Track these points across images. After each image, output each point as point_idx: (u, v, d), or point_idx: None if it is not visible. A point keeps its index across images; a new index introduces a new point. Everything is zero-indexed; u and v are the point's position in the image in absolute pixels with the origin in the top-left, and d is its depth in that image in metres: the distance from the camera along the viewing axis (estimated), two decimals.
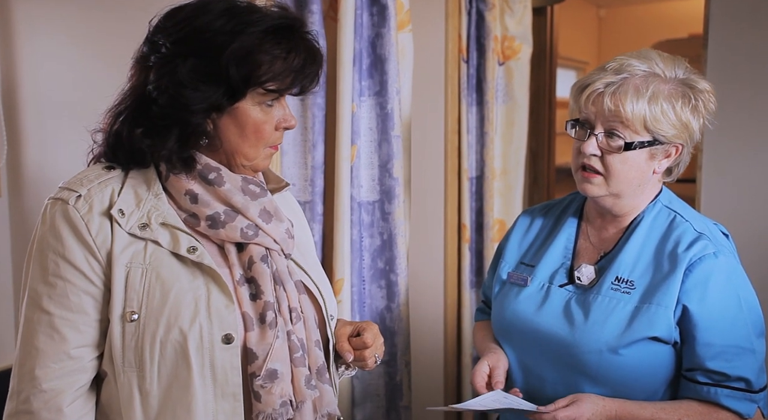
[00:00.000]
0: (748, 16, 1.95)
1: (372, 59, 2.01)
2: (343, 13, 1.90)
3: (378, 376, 2.14)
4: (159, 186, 1.12)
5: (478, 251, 2.66)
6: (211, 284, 1.08)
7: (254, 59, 1.07)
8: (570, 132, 1.38)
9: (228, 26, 1.07)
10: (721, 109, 1.98)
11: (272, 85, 1.09)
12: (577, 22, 5.30)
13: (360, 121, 2.00)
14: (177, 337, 1.05)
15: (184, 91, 1.06)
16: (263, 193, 1.16)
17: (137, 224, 1.08)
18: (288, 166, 1.98)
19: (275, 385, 1.08)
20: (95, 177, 1.11)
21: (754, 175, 1.97)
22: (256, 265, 1.12)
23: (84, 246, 1.06)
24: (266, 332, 1.09)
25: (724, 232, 1.40)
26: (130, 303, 1.06)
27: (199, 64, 1.06)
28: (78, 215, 1.06)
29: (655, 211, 1.39)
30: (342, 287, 1.96)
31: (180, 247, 1.08)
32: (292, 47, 1.10)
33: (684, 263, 1.30)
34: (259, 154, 1.14)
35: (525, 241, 1.55)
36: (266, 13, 1.12)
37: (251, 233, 1.13)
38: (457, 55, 2.54)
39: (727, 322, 1.29)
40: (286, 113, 1.15)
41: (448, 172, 2.57)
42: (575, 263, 1.44)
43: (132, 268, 1.06)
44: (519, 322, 1.43)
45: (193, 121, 1.08)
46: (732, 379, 1.29)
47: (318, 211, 1.99)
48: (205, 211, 1.11)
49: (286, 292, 1.15)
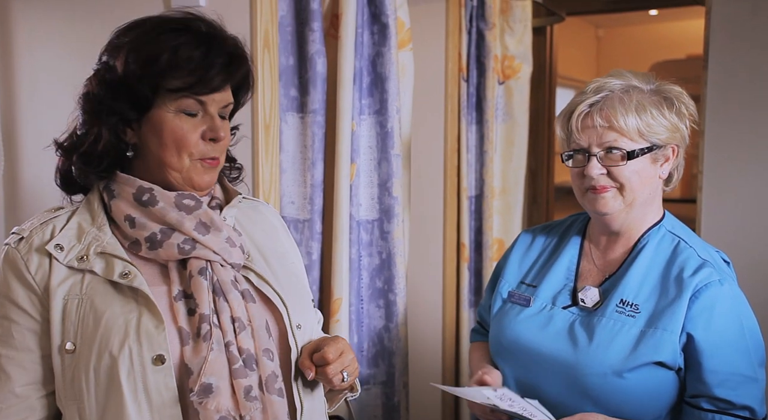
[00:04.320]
0: (748, 37, 1.96)
1: (372, 78, 2.01)
2: (343, 31, 1.90)
3: (375, 397, 2.11)
4: (103, 217, 1.13)
5: (477, 270, 2.65)
6: (143, 308, 1.07)
7: (146, 55, 1.07)
8: (567, 163, 1.40)
9: (131, 30, 1.11)
10: (722, 130, 1.99)
11: (174, 83, 1.08)
12: (577, 42, 5.34)
13: (360, 139, 2.00)
14: (107, 363, 1.04)
15: (92, 104, 1.10)
16: (198, 205, 1.14)
17: (76, 257, 1.09)
18: (287, 184, 1.97)
19: (210, 400, 1.04)
20: (38, 219, 1.14)
21: (755, 196, 1.97)
22: (194, 279, 1.10)
23: (24, 285, 1.08)
24: (200, 346, 1.06)
25: (725, 259, 1.41)
26: (67, 334, 1.06)
27: (105, 76, 1.11)
28: (18, 256, 1.09)
29: (660, 235, 1.40)
30: (340, 306, 1.94)
31: (113, 273, 1.08)
32: (187, 41, 1.09)
33: (690, 289, 1.30)
34: (184, 165, 1.11)
35: (526, 261, 1.54)
36: (172, 15, 1.13)
37: (188, 248, 1.11)
38: (457, 74, 2.55)
39: (731, 349, 1.29)
40: (214, 124, 1.12)
41: (448, 191, 2.56)
42: (578, 285, 1.43)
43: (69, 299, 1.07)
44: (520, 342, 1.42)
45: (105, 135, 1.10)
46: (737, 407, 1.28)
47: (317, 230, 1.98)
48: (143, 234, 1.11)
49: (228, 302, 1.11)
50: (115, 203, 1.13)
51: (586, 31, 5.69)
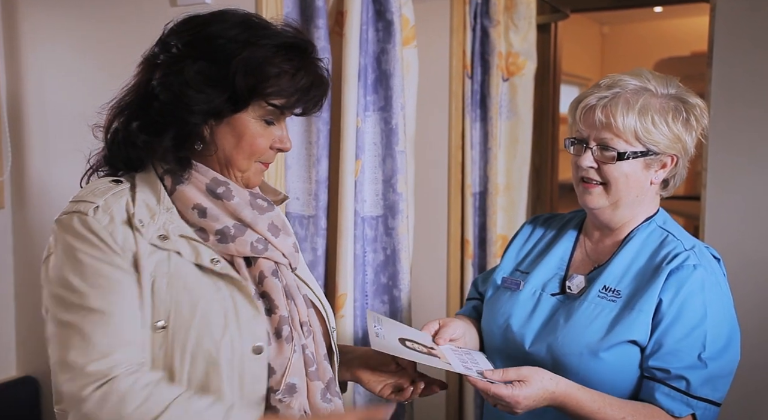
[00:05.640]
0: (752, 34, 1.96)
1: (377, 74, 2.02)
2: (348, 28, 1.91)
3: None
4: (168, 200, 1.12)
5: (481, 267, 2.66)
6: (237, 295, 1.08)
7: (263, 71, 1.08)
8: (569, 149, 1.44)
9: (241, 36, 1.09)
10: (726, 127, 1.99)
11: (276, 101, 1.10)
12: (581, 39, 5.33)
13: (364, 136, 2.00)
14: (209, 348, 1.05)
15: (188, 91, 1.07)
16: (270, 207, 1.17)
17: (156, 235, 1.07)
18: (292, 180, 1.98)
19: (294, 400, 1.09)
20: (107, 189, 1.11)
21: (759, 193, 1.97)
22: (267, 280, 1.12)
23: (117, 252, 1.05)
24: (283, 346, 1.09)
25: (715, 256, 1.42)
26: (157, 312, 1.05)
27: (207, 68, 1.08)
28: (100, 226, 1.05)
29: (649, 229, 1.43)
30: (345, 302, 1.95)
31: (203, 259, 1.09)
32: (302, 66, 1.11)
33: (665, 272, 1.34)
34: (250, 167, 1.14)
35: (523, 250, 1.59)
36: (280, 30, 1.13)
37: (261, 247, 1.13)
38: (461, 71, 2.55)
39: (684, 328, 1.30)
40: (283, 134, 1.15)
41: (452, 188, 2.57)
42: (569, 274, 1.47)
43: (157, 277, 1.06)
44: (509, 324, 1.46)
45: (191, 122, 1.08)
46: (672, 377, 1.29)
47: (322, 226, 1.99)
48: (214, 226, 1.11)
49: (296, 306, 1.15)
50: (181, 189, 1.12)
51: (591, 28, 5.68)
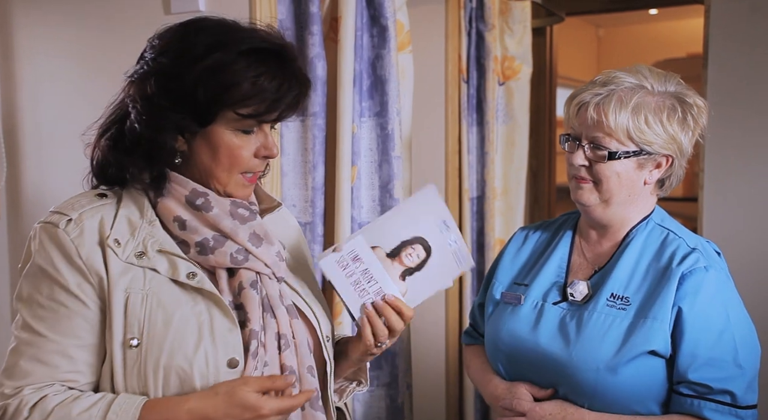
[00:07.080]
0: (747, 35, 1.96)
1: (372, 80, 2.02)
2: (343, 34, 1.90)
3: (379, 398, 2.11)
4: (152, 213, 1.10)
5: (479, 272, 2.65)
6: (213, 309, 1.07)
7: (224, 80, 1.03)
8: (563, 145, 1.41)
9: (205, 41, 1.05)
10: (723, 129, 1.99)
11: (244, 110, 1.05)
12: (577, 42, 5.33)
13: (360, 141, 2.00)
14: (181, 364, 1.03)
15: (151, 108, 1.04)
16: (252, 216, 1.14)
17: (133, 253, 1.06)
18: (288, 187, 1.98)
19: None
20: (87, 202, 1.09)
21: (755, 195, 1.97)
22: (245, 291, 1.10)
23: (76, 270, 1.04)
24: (249, 362, 1.07)
25: (716, 250, 1.40)
26: (131, 329, 1.03)
27: (168, 82, 1.04)
28: (67, 238, 1.04)
29: (648, 229, 1.40)
30: (342, 309, 1.95)
31: (179, 274, 1.07)
32: (266, 71, 1.05)
33: (677, 276, 1.30)
34: (231, 180, 1.10)
35: (517, 261, 1.54)
36: (251, 34, 1.08)
37: (241, 258, 1.10)
38: (457, 76, 2.55)
39: (712, 334, 1.28)
40: (267, 141, 1.11)
41: (449, 193, 2.57)
42: (569, 279, 1.43)
43: (131, 293, 1.04)
44: (515, 341, 1.42)
45: (159, 140, 1.05)
46: (716, 391, 1.27)
47: (318, 233, 1.98)
48: (194, 238, 1.09)
49: (275, 318, 1.12)
50: (163, 202, 1.10)
51: (586, 31, 5.69)
